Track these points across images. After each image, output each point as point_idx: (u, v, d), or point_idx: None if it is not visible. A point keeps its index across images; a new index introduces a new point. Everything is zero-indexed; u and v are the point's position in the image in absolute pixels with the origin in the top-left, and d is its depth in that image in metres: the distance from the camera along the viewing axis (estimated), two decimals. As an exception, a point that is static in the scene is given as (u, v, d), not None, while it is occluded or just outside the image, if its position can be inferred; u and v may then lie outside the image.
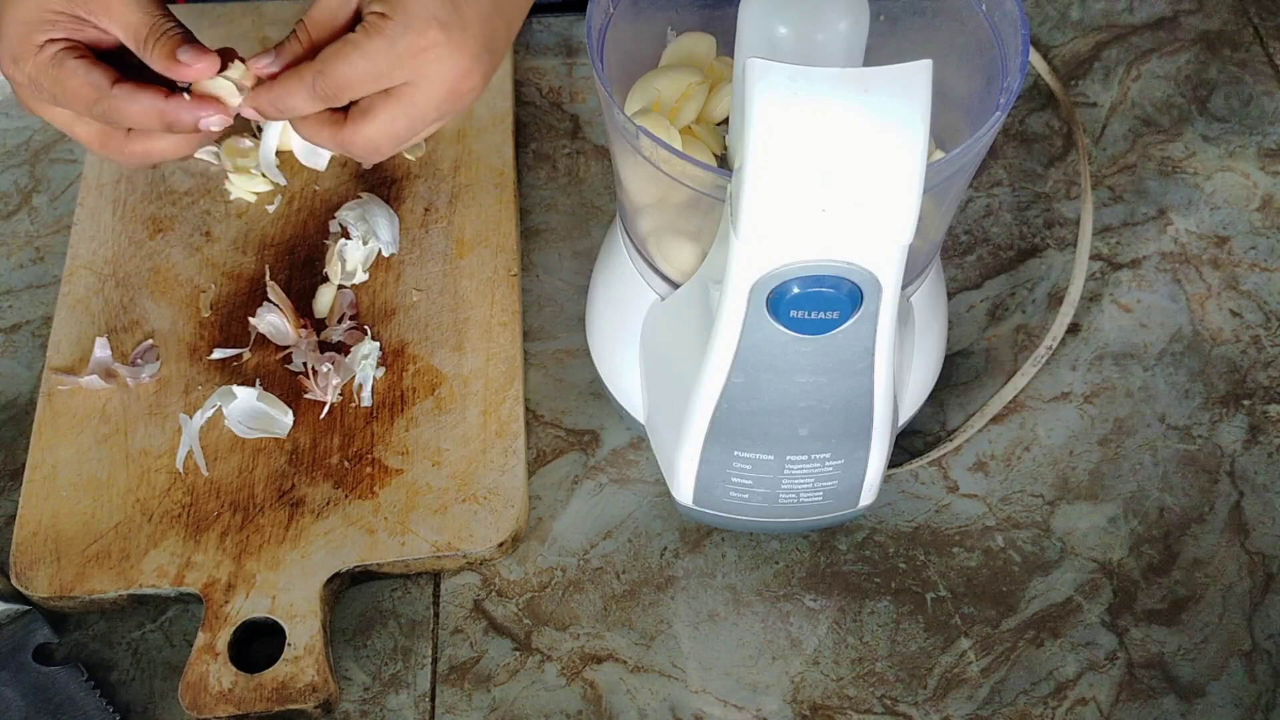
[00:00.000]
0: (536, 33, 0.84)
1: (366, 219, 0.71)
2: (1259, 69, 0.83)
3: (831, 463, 0.58)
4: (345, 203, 0.73)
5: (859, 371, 0.53)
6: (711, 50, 0.59)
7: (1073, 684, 0.61)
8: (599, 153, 0.79)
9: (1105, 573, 0.64)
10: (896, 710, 0.60)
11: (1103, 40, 0.85)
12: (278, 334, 0.68)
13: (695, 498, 0.61)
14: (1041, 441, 0.68)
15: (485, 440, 0.66)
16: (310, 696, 0.58)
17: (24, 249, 0.75)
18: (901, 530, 0.66)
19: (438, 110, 0.55)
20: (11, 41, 0.56)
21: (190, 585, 0.61)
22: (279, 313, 0.68)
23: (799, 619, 0.63)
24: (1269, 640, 0.62)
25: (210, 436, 0.66)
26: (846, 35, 0.51)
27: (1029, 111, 0.81)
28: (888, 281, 0.49)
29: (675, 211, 0.56)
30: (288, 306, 0.69)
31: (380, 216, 0.71)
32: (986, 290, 0.74)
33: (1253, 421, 0.69)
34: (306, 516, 0.63)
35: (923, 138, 0.45)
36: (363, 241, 0.70)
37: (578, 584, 0.64)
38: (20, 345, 0.71)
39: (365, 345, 0.67)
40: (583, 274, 0.73)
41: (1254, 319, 0.73)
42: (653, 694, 0.61)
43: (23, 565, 0.62)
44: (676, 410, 0.57)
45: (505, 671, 0.61)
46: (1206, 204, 0.77)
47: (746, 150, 0.45)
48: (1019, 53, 0.51)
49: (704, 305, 0.54)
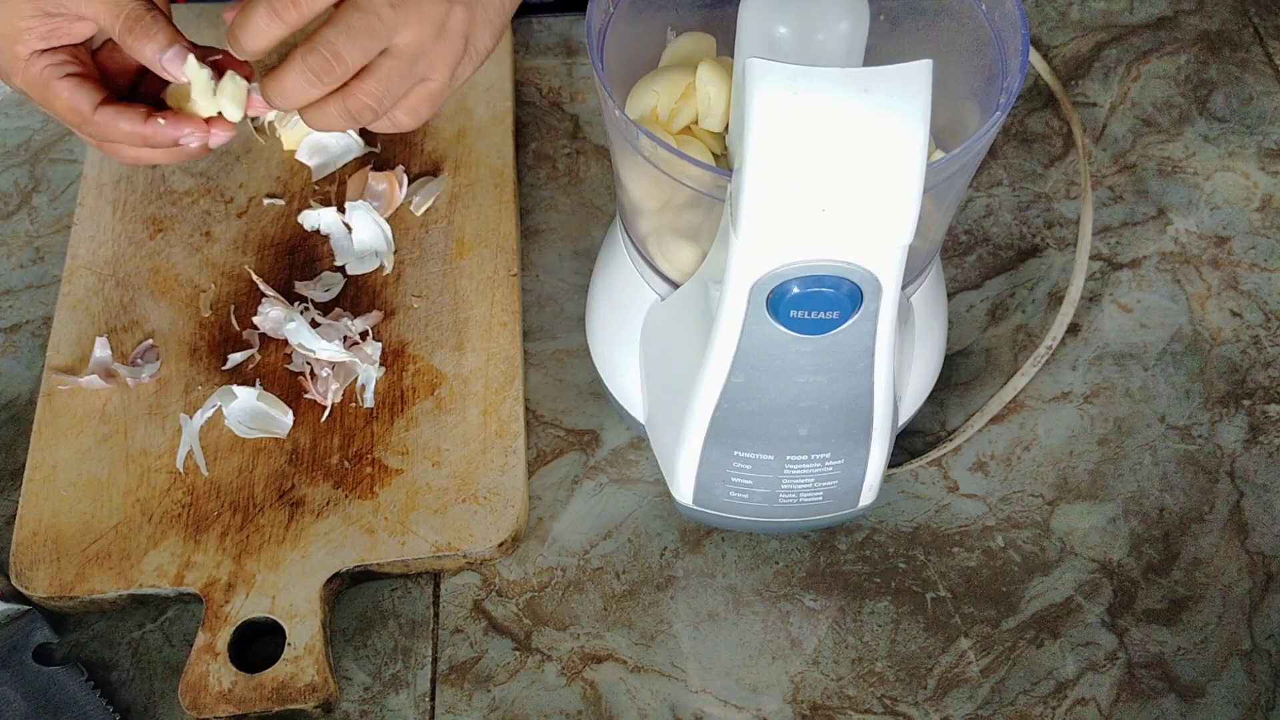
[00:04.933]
0: (536, 33, 0.84)
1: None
2: (1259, 69, 0.83)
3: (831, 463, 0.58)
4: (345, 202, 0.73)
5: (859, 371, 0.53)
6: (711, 50, 0.59)
7: (1073, 684, 0.61)
8: (599, 153, 0.79)
9: (1105, 573, 0.64)
10: (896, 710, 0.60)
11: (1103, 40, 0.85)
12: (279, 326, 0.68)
13: (695, 498, 0.61)
14: (1041, 441, 0.68)
15: (485, 440, 0.66)
16: (310, 696, 0.58)
17: (24, 249, 0.75)
18: (901, 530, 0.66)
19: (423, 50, 0.55)
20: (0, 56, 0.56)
21: (190, 585, 0.61)
22: (277, 304, 0.68)
23: (799, 619, 0.63)
24: (1269, 640, 0.62)
25: (210, 436, 0.66)
26: (846, 35, 0.51)
27: (1029, 111, 0.81)
28: (888, 281, 0.49)
29: (675, 211, 0.56)
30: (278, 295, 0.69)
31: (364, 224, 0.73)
32: (986, 290, 0.74)
33: (1253, 421, 0.69)
34: (306, 516, 0.63)
35: (923, 138, 0.45)
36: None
37: (578, 584, 0.64)
38: (20, 345, 0.71)
39: (368, 345, 0.68)
40: (583, 274, 0.73)
41: (1254, 319, 0.73)
42: (653, 694, 0.61)
43: (23, 565, 0.62)
44: (676, 410, 0.57)
45: (505, 671, 0.61)
46: (1206, 204, 0.77)
47: (746, 150, 0.45)
48: (1019, 53, 0.51)
49: (704, 305, 0.54)
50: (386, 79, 0.55)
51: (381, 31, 0.54)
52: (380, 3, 0.54)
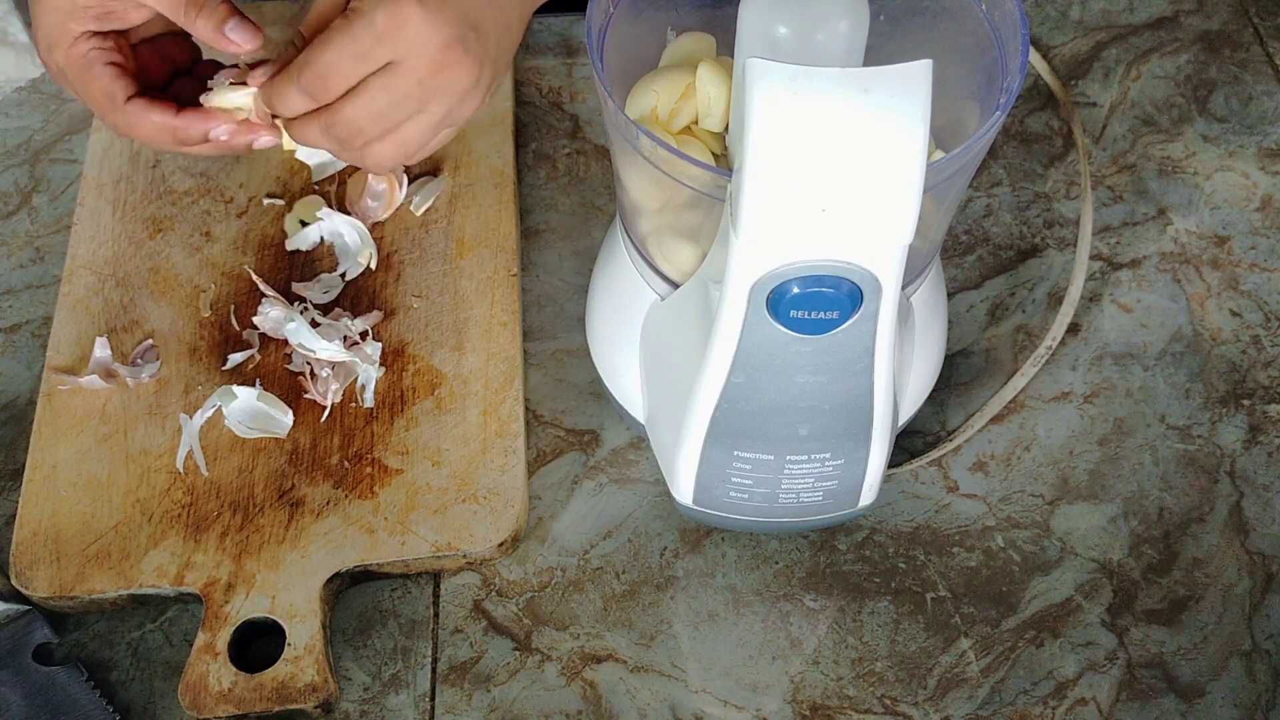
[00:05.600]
0: (536, 33, 0.84)
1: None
2: (1259, 69, 0.83)
3: (831, 463, 0.58)
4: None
5: (859, 371, 0.53)
6: (711, 50, 0.59)
7: (1073, 684, 0.61)
8: (599, 153, 0.79)
9: (1105, 573, 0.64)
10: (896, 710, 0.60)
11: (1103, 40, 0.85)
12: (279, 326, 0.68)
13: (695, 498, 0.61)
14: (1041, 441, 0.68)
15: (485, 440, 0.66)
16: (310, 696, 0.58)
17: (24, 249, 0.75)
18: (901, 530, 0.66)
19: (420, 84, 0.55)
20: (48, 29, 0.58)
21: (190, 585, 0.61)
22: (277, 304, 0.68)
23: (799, 619, 0.63)
24: (1269, 640, 0.62)
25: (210, 436, 0.66)
26: (846, 35, 0.51)
27: (1029, 111, 0.81)
28: (888, 281, 0.49)
29: (675, 211, 0.56)
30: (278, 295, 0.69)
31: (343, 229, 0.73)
32: (986, 290, 0.74)
33: (1253, 421, 0.69)
34: (306, 516, 0.63)
35: (923, 138, 0.45)
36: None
37: (578, 584, 0.64)
38: (20, 345, 0.71)
39: (368, 345, 0.68)
40: (583, 274, 0.73)
41: (1254, 319, 0.73)
42: (653, 694, 0.61)
43: (23, 565, 0.62)
44: (676, 410, 0.57)
45: (505, 671, 0.61)
46: (1206, 204, 0.77)
47: (746, 150, 0.45)
48: (1019, 53, 0.51)
49: (704, 305, 0.54)
50: (363, 100, 0.55)
51: (379, 56, 0.54)
52: (384, 26, 0.53)
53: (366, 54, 0.54)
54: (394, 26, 0.53)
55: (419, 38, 0.54)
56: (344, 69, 0.54)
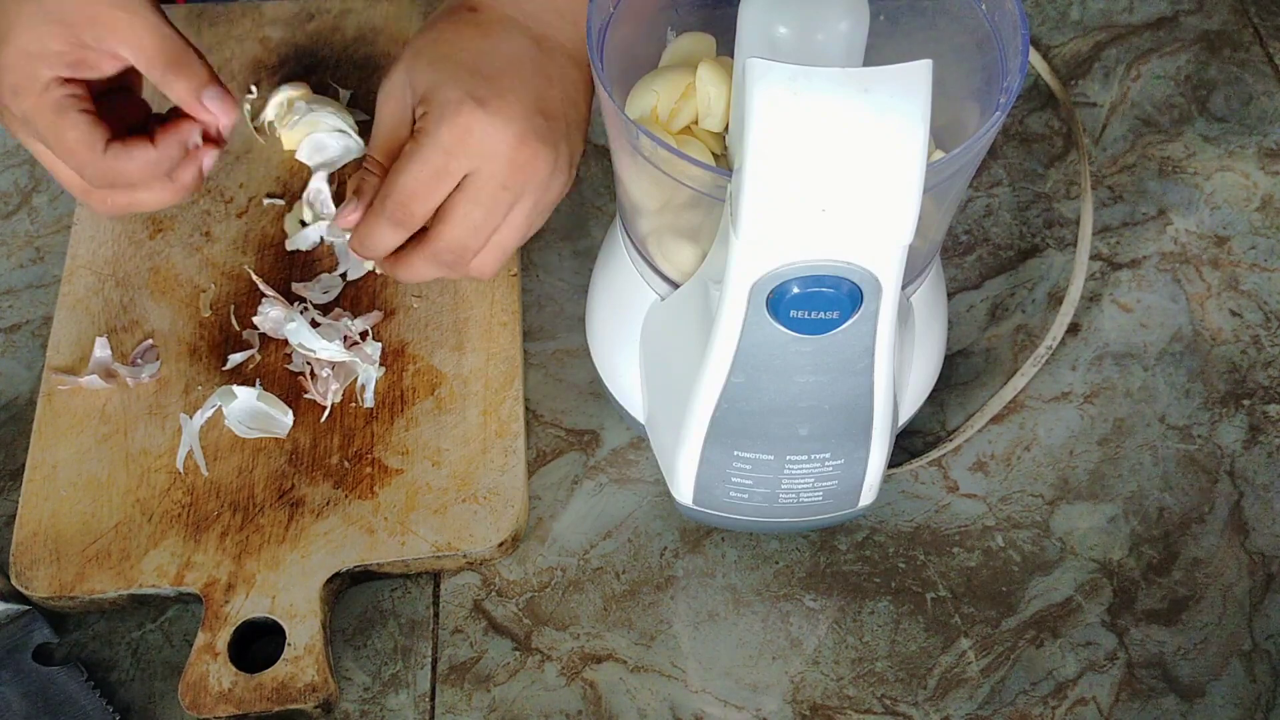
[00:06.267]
0: (536, 33, 0.84)
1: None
2: (1259, 69, 0.83)
3: (831, 463, 0.58)
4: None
5: (859, 371, 0.53)
6: (711, 50, 0.59)
7: (1073, 684, 0.61)
8: (599, 153, 0.79)
9: (1105, 573, 0.64)
10: (896, 710, 0.60)
11: (1103, 40, 0.85)
12: (279, 326, 0.68)
13: (695, 498, 0.61)
14: (1041, 441, 0.68)
15: (485, 440, 0.66)
16: (310, 696, 0.58)
17: (24, 249, 0.75)
18: (901, 530, 0.66)
19: (504, 187, 0.54)
20: (13, 73, 0.54)
21: (190, 585, 0.61)
22: (277, 304, 0.68)
23: (799, 619, 0.63)
24: (1269, 640, 0.62)
25: (210, 436, 0.66)
26: (846, 35, 0.51)
27: (1029, 111, 0.81)
28: (888, 281, 0.49)
29: (675, 211, 0.56)
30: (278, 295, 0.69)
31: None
32: (986, 290, 0.74)
33: (1253, 421, 0.69)
34: (306, 516, 0.63)
35: (923, 138, 0.45)
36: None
37: (578, 584, 0.64)
38: (20, 345, 0.71)
39: (367, 345, 0.68)
40: (583, 274, 0.73)
41: (1254, 319, 0.73)
42: (653, 694, 0.61)
43: (23, 565, 0.62)
44: (676, 410, 0.57)
45: (505, 671, 0.61)
46: (1206, 204, 0.77)
47: (746, 150, 0.45)
48: (1019, 53, 0.51)
49: (704, 305, 0.54)
50: (457, 219, 0.54)
51: (456, 169, 0.53)
52: (451, 138, 0.52)
53: (442, 171, 0.53)
54: (460, 138, 0.53)
55: (488, 142, 0.53)
56: (425, 191, 0.53)
